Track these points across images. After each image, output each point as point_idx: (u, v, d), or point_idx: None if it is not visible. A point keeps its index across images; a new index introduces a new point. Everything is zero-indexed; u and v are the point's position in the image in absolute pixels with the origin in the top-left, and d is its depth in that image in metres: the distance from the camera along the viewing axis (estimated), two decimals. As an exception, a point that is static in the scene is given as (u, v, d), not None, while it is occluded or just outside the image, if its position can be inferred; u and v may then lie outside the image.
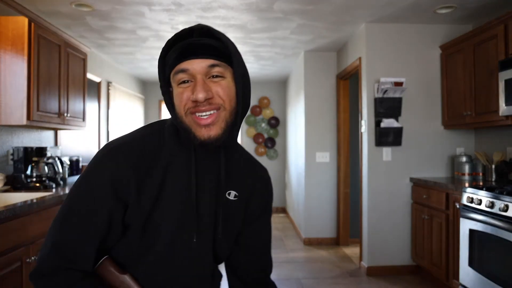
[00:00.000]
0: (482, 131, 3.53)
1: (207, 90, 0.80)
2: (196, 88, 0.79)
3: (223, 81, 0.82)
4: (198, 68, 0.80)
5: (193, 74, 0.80)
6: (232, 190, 0.90)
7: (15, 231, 1.96)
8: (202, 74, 0.80)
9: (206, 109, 0.80)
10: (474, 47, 3.06)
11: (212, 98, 0.80)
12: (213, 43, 0.81)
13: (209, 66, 0.80)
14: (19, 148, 2.82)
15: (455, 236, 2.85)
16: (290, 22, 3.56)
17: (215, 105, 0.81)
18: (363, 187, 3.69)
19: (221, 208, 0.87)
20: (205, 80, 0.81)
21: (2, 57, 2.59)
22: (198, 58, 0.80)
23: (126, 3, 3.06)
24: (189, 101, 0.80)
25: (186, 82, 0.81)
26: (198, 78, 0.80)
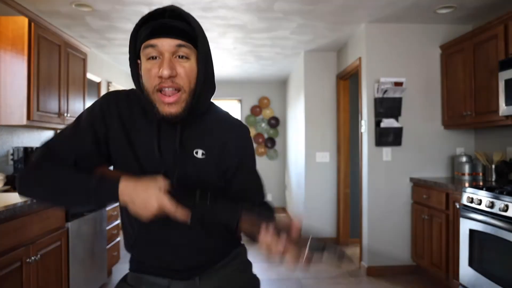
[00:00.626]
0: (482, 131, 3.53)
1: (172, 68, 0.90)
2: (163, 65, 0.90)
3: (187, 63, 0.93)
4: (166, 46, 0.90)
5: (161, 51, 0.91)
6: (199, 149, 1.00)
7: (15, 231, 1.96)
8: (169, 53, 0.91)
9: (169, 85, 0.91)
10: (474, 47, 3.06)
11: (175, 77, 0.91)
12: (182, 26, 0.91)
13: (177, 46, 0.91)
14: (19, 148, 2.82)
15: (455, 236, 2.85)
16: (290, 22, 3.56)
17: (176, 84, 0.92)
18: (363, 187, 3.69)
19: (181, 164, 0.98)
20: (171, 58, 0.91)
21: (2, 57, 2.59)
22: (168, 38, 0.90)
23: (126, 3, 3.06)
24: (156, 77, 0.91)
25: (154, 58, 0.91)
26: (165, 56, 0.91)
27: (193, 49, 0.93)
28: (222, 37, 4.02)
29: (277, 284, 3.37)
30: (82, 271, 2.75)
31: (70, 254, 2.56)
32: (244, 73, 6.01)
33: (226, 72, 5.95)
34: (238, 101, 6.99)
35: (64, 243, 2.49)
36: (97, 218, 3.03)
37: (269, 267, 3.80)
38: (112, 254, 3.39)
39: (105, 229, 3.20)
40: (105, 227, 3.19)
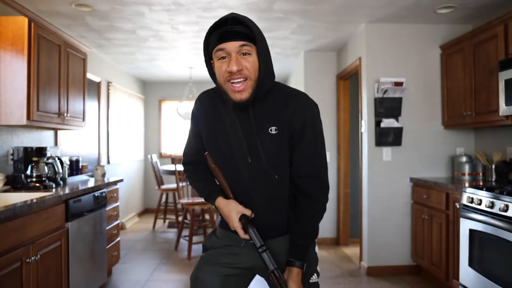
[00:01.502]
0: (482, 131, 3.53)
1: (239, 64, 1.16)
2: (231, 62, 1.16)
3: (250, 57, 1.18)
4: (232, 47, 1.16)
5: (228, 52, 1.17)
6: (273, 126, 1.23)
7: (15, 231, 1.96)
8: (235, 52, 1.16)
9: (238, 77, 1.17)
10: (474, 47, 3.06)
11: (242, 70, 1.17)
12: (242, 30, 1.16)
13: (240, 46, 1.16)
14: (19, 148, 2.82)
15: (455, 236, 2.85)
16: (290, 22, 3.56)
17: (243, 75, 1.17)
18: (363, 187, 3.69)
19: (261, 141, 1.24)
20: (237, 56, 1.17)
21: (2, 57, 2.58)
22: (232, 41, 1.15)
23: (126, 3, 3.06)
24: (226, 72, 1.18)
25: (223, 58, 1.18)
26: (232, 55, 1.16)
27: (253, 46, 1.18)
28: (222, 37, 4.02)
29: (277, 284, 3.37)
30: (82, 271, 2.75)
31: (70, 254, 2.56)
32: (244, 73, 6.00)
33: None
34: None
35: (64, 243, 2.49)
36: (97, 218, 3.03)
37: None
38: (112, 254, 3.39)
39: (105, 229, 3.20)
40: (105, 227, 3.19)
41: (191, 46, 4.40)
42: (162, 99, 6.98)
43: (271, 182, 1.26)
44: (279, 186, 1.27)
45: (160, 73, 6.07)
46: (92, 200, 2.92)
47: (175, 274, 3.62)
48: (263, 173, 1.25)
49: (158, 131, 7.00)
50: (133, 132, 6.19)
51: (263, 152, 1.23)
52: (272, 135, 1.23)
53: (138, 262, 3.98)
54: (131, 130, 6.08)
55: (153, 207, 6.82)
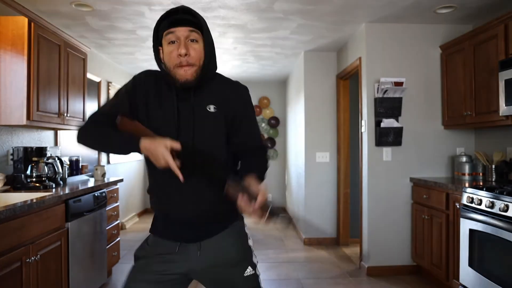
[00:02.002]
0: (482, 131, 3.53)
1: (187, 48, 1.26)
2: (180, 46, 1.25)
3: (197, 45, 1.29)
4: (182, 31, 1.26)
5: (178, 36, 1.26)
6: (212, 105, 1.33)
7: (15, 231, 1.96)
8: (184, 37, 1.26)
9: (185, 63, 1.26)
10: (474, 47, 3.06)
11: (189, 56, 1.26)
12: (192, 19, 1.28)
13: (189, 31, 1.27)
14: (19, 148, 2.82)
15: (455, 236, 2.85)
16: (290, 22, 3.56)
17: (190, 62, 1.26)
18: (363, 187, 3.69)
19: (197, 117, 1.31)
20: (185, 42, 1.26)
21: (2, 57, 2.58)
22: (182, 26, 1.26)
23: (126, 3, 3.06)
24: (176, 57, 1.26)
25: (173, 42, 1.27)
26: (181, 39, 1.26)
27: (200, 35, 1.29)
28: (222, 37, 4.02)
29: (277, 284, 3.37)
30: (82, 271, 2.75)
31: (70, 254, 2.56)
32: (244, 73, 6.01)
33: (226, 72, 5.94)
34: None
35: (64, 243, 2.49)
36: (97, 218, 3.03)
37: (269, 267, 3.80)
38: (112, 254, 3.39)
39: (105, 229, 3.20)
40: (105, 227, 3.19)
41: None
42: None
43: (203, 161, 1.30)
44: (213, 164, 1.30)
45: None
46: (92, 200, 2.92)
47: (175, 274, 3.62)
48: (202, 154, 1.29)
49: (158, 131, 6.99)
50: (133, 132, 6.17)
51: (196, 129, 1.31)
52: (210, 112, 1.32)
53: (138, 262, 3.97)
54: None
55: (153, 207, 6.80)
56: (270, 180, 6.95)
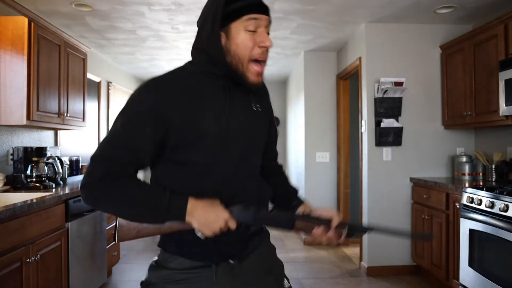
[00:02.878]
0: (482, 131, 3.53)
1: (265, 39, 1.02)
2: (267, 37, 1.02)
3: None
4: (265, 22, 1.03)
5: (261, 25, 1.02)
6: (258, 104, 1.14)
7: (15, 231, 1.96)
8: (266, 28, 1.03)
9: (264, 58, 1.04)
10: (474, 47, 3.06)
11: (267, 50, 1.05)
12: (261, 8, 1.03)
13: (269, 22, 1.05)
14: (19, 148, 2.82)
15: (455, 236, 2.85)
16: (290, 22, 3.56)
17: (267, 57, 1.06)
18: (363, 187, 3.69)
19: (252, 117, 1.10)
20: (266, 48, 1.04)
21: (2, 57, 2.58)
22: (266, 15, 1.03)
23: (126, 3, 3.06)
24: (256, 48, 1.01)
25: (252, 31, 1.01)
26: (264, 30, 1.02)
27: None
28: (222, 37, 4.02)
29: (277, 284, 3.37)
30: (82, 271, 2.75)
31: (70, 254, 2.56)
32: (244, 73, 6.00)
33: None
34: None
35: (64, 243, 2.49)
36: (97, 218, 3.03)
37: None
38: (112, 254, 3.39)
39: (105, 229, 3.20)
40: (105, 227, 3.19)
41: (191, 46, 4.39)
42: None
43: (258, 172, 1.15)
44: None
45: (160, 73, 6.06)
46: (92, 200, 2.91)
47: (175, 274, 3.62)
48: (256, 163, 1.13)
49: (158, 131, 6.99)
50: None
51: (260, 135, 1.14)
52: (258, 112, 1.13)
53: (138, 262, 3.98)
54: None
55: (153, 207, 6.80)
56: (270, 180, 6.94)
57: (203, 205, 0.96)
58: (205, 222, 0.95)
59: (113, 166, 0.95)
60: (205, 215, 0.95)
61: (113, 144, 0.97)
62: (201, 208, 0.96)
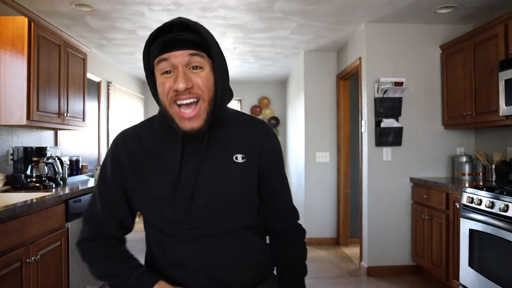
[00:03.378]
0: (482, 131, 3.53)
1: (187, 80, 0.89)
2: (178, 78, 0.88)
3: (202, 72, 0.91)
4: (179, 58, 0.88)
5: (174, 64, 0.89)
6: (238, 154, 0.98)
7: (15, 231, 1.96)
8: (183, 65, 0.89)
9: (187, 97, 0.89)
10: (474, 47, 3.06)
11: (192, 88, 0.89)
12: (192, 38, 0.90)
13: (189, 55, 0.89)
14: (19, 148, 2.82)
15: (455, 236, 2.85)
16: (290, 22, 3.56)
17: (194, 94, 0.90)
18: (363, 187, 3.69)
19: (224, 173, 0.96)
20: (185, 71, 0.89)
21: (2, 57, 2.58)
22: (179, 50, 0.88)
23: (126, 3, 3.06)
24: (170, 90, 0.90)
25: (168, 72, 0.90)
26: (179, 68, 0.89)
27: (206, 58, 0.92)
28: (222, 37, 4.02)
29: (277, 284, 3.37)
30: (82, 271, 2.75)
31: (70, 254, 2.56)
32: (244, 73, 6.01)
33: (226, 72, 5.94)
34: (238, 101, 6.99)
35: (64, 243, 2.49)
36: (97, 218, 3.02)
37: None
38: (112, 254, 3.39)
39: (105, 229, 3.20)
40: (105, 227, 3.19)
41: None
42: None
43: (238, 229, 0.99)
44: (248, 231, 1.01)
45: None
46: (92, 200, 2.91)
47: (175, 274, 3.62)
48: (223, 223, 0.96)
49: (158, 131, 6.99)
50: (133, 132, 6.17)
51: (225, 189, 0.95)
52: (239, 164, 0.97)
53: (138, 262, 3.97)
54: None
55: (153, 207, 6.81)
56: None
57: None
58: None
59: (96, 226, 1.01)
60: None
61: (93, 202, 1.02)
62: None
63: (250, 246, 1.01)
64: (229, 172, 0.95)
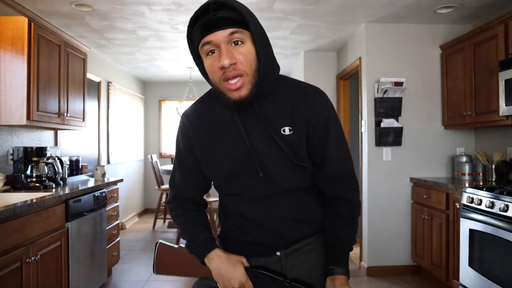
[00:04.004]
0: (482, 131, 3.53)
1: (231, 57, 0.95)
2: (222, 56, 0.94)
3: (243, 47, 0.96)
4: (220, 38, 0.94)
5: (217, 44, 0.95)
6: (286, 126, 1.04)
7: (15, 231, 1.96)
8: (225, 43, 0.95)
9: (232, 74, 0.96)
10: (474, 47, 3.06)
11: (235, 64, 0.95)
12: (229, 14, 0.94)
13: (230, 34, 0.94)
14: (19, 148, 2.82)
15: (455, 236, 2.85)
16: (290, 22, 3.56)
17: (238, 71, 0.96)
18: (363, 187, 3.69)
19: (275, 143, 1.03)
20: (228, 48, 0.95)
21: (2, 57, 2.58)
22: (219, 30, 0.94)
23: (126, 3, 3.06)
24: (218, 70, 0.96)
25: (212, 52, 0.97)
26: (222, 47, 0.95)
27: (246, 32, 0.96)
28: (222, 37, 4.02)
29: (277, 284, 3.36)
30: (82, 271, 2.75)
31: (70, 254, 2.56)
32: (244, 73, 6.01)
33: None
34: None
35: (64, 243, 2.49)
36: (97, 218, 3.03)
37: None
38: (112, 254, 3.39)
39: (105, 229, 3.20)
40: (105, 227, 3.19)
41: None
42: (162, 99, 6.98)
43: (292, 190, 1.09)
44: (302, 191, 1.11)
45: (160, 73, 6.07)
46: (92, 200, 2.92)
47: (175, 274, 3.62)
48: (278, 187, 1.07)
49: (158, 131, 7.00)
50: (133, 132, 6.19)
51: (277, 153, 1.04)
52: (286, 136, 1.03)
53: (138, 262, 3.98)
54: (131, 130, 6.07)
55: (153, 207, 6.81)
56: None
57: (224, 259, 1.07)
58: (219, 275, 1.07)
59: (178, 192, 1.20)
60: (222, 269, 1.06)
61: (174, 172, 1.20)
62: (221, 261, 1.07)
63: (302, 205, 1.12)
64: (276, 144, 1.03)
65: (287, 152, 1.03)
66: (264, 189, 1.07)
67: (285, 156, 1.04)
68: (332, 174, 1.10)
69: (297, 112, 1.05)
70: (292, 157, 1.04)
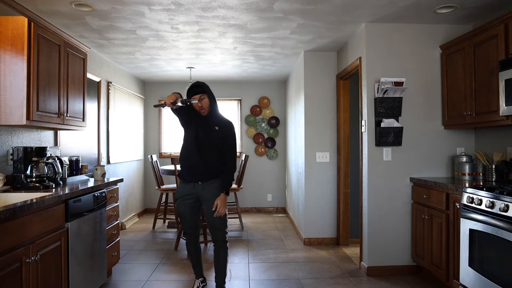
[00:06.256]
0: (482, 131, 3.53)
1: (202, 101, 2.85)
2: (199, 103, 2.84)
3: (206, 99, 2.86)
4: (197, 96, 2.85)
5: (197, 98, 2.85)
6: (216, 126, 2.88)
7: (15, 231, 1.96)
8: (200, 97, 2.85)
9: (201, 108, 2.87)
10: (474, 47, 3.06)
11: (202, 104, 2.85)
12: (200, 90, 2.86)
13: (202, 94, 2.86)
14: (19, 148, 2.82)
15: (455, 236, 2.85)
16: (290, 22, 3.56)
17: (203, 109, 2.87)
18: (363, 187, 3.69)
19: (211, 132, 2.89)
20: (201, 100, 2.84)
21: (2, 57, 2.58)
22: (199, 94, 2.86)
23: (126, 3, 3.06)
24: (196, 106, 2.85)
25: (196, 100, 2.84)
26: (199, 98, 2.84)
27: (206, 95, 2.86)
28: (222, 37, 4.02)
29: (277, 284, 3.37)
30: (82, 271, 2.75)
31: (70, 254, 2.55)
32: (244, 73, 6.01)
33: (226, 72, 5.94)
34: (238, 101, 6.99)
35: (64, 243, 2.49)
36: (97, 218, 3.03)
37: (270, 267, 3.80)
38: (112, 254, 3.39)
39: (105, 229, 3.20)
40: (105, 227, 3.19)
41: (191, 46, 4.40)
42: (162, 99, 6.98)
43: (210, 152, 2.87)
44: (213, 155, 2.87)
45: (160, 73, 6.07)
46: (92, 200, 2.92)
47: (175, 274, 3.62)
48: (208, 147, 2.85)
49: (158, 131, 7.00)
50: (133, 132, 6.18)
51: (211, 137, 2.86)
52: (216, 129, 2.87)
53: (138, 262, 3.98)
54: (131, 130, 6.07)
55: (153, 207, 6.81)
56: (270, 180, 6.95)
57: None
58: None
59: None
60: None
61: None
62: None
63: (215, 162, 2.88)
64: (212, 132, 2.86)
65: (216, 138, 2.85)
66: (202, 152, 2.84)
67: (214, 139, 2.86)
68: (226, 153, 2.90)
69: (222, 124, 2.90)
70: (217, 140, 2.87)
